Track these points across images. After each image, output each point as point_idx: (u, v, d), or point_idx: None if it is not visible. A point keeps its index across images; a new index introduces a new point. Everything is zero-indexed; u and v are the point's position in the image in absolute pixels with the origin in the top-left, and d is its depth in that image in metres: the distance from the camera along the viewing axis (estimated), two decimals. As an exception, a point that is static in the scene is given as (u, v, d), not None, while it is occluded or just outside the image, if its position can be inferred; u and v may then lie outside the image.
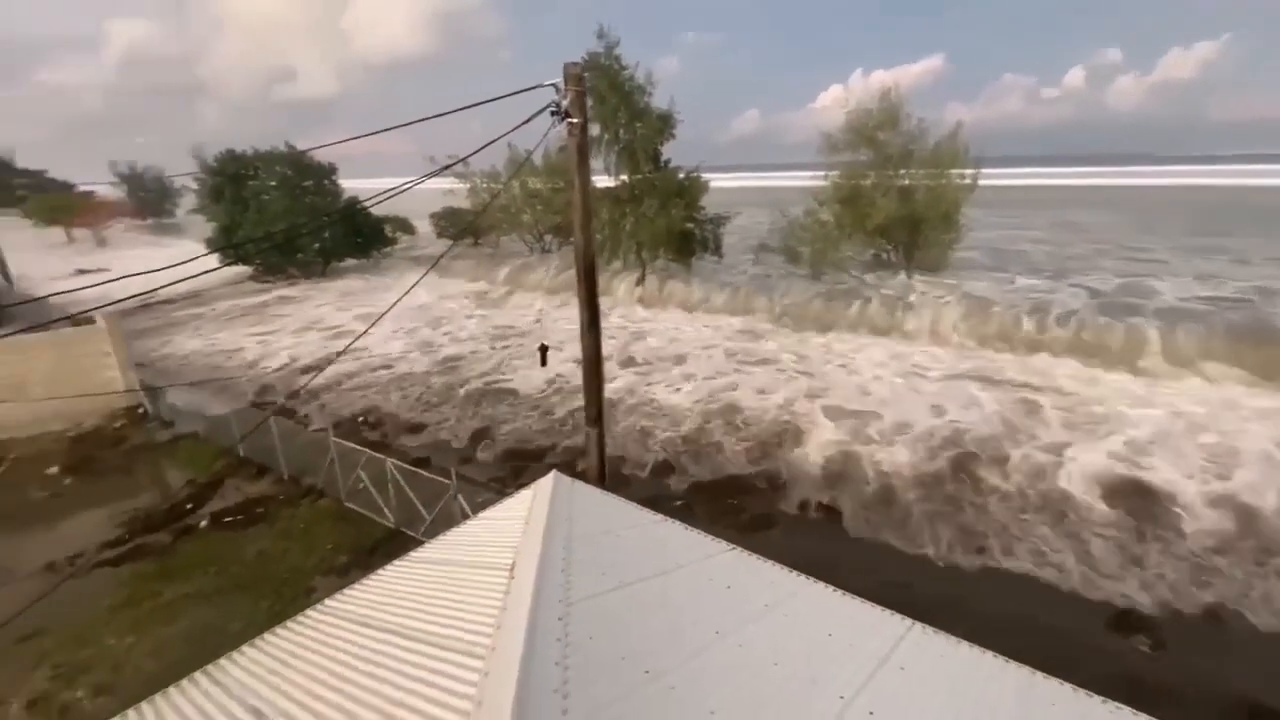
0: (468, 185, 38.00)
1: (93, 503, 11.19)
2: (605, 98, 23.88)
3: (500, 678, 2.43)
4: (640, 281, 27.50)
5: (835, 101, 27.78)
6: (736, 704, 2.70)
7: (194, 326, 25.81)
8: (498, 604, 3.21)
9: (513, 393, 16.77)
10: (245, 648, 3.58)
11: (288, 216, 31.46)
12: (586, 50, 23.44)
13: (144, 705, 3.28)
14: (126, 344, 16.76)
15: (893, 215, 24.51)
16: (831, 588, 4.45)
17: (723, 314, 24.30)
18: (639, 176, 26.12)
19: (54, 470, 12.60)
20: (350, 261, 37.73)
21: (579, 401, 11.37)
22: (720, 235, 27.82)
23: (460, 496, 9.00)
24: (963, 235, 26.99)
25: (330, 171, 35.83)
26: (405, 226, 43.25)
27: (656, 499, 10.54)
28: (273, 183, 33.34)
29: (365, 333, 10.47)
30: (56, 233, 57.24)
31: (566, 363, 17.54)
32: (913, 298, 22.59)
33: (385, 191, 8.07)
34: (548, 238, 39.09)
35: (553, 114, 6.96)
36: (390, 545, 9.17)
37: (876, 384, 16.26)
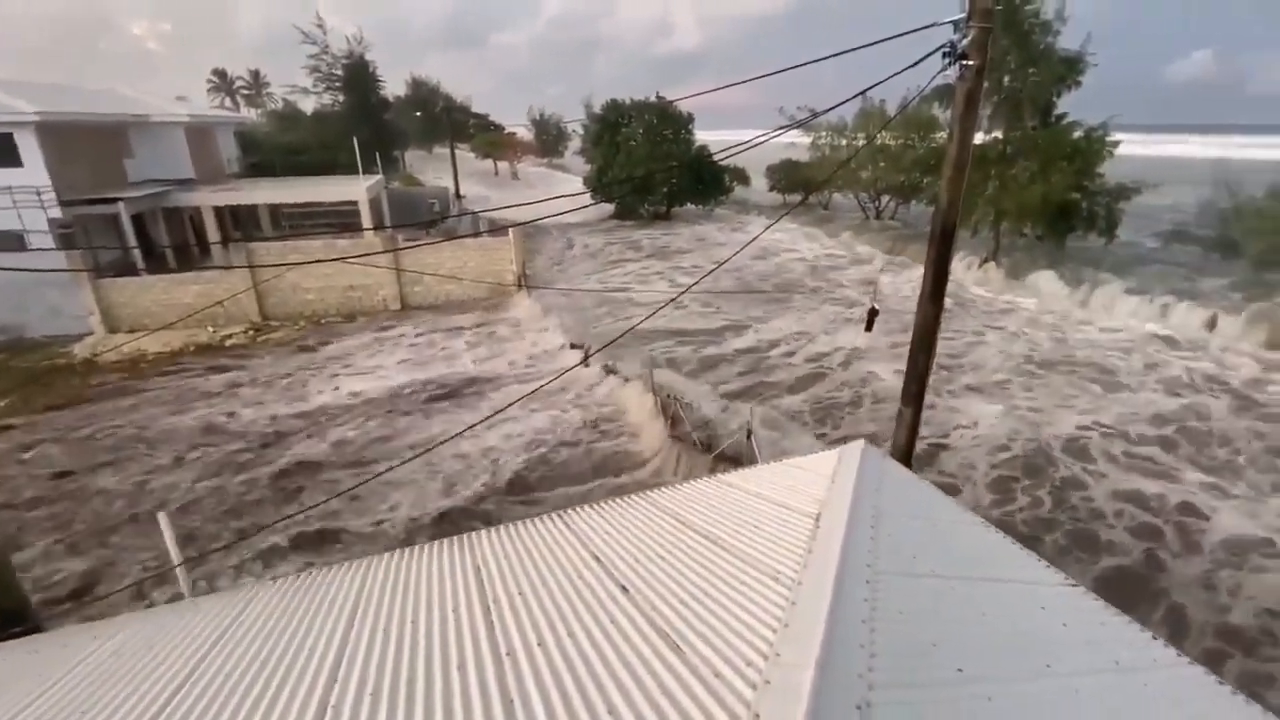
0: (810, 139, 37.25)
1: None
2: (996, 38, 20.52)
3: (808, 612, 2.48)
4: (990, 259, 23.78)
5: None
6: (1073, 752, 2.29)
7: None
8: (804, 546, 3.26)
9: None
10: (586, 507, 4.36)
11: (647, 162, 35.32)
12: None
13: (520, 523, 4.28)
14: (523, 254, 21.47)
15: None
16: (1219, 679, 3.40)
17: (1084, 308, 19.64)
18: (1016, 133, 22.11)
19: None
20: (688, 207, 40.84)
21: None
22: (1118, 213, 22.12)
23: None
24: None
25: (688, 121, 38.74)
26: (742, 177, 44.72)
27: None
28: (640, 130, 37.63)
29: (718, 269, 11.26)
30: (488, 164, 74.69)
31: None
32: None
33: (740, 143, 8.37)
34: (884, 199, 36.34)
35: (945, 55, 6.25)
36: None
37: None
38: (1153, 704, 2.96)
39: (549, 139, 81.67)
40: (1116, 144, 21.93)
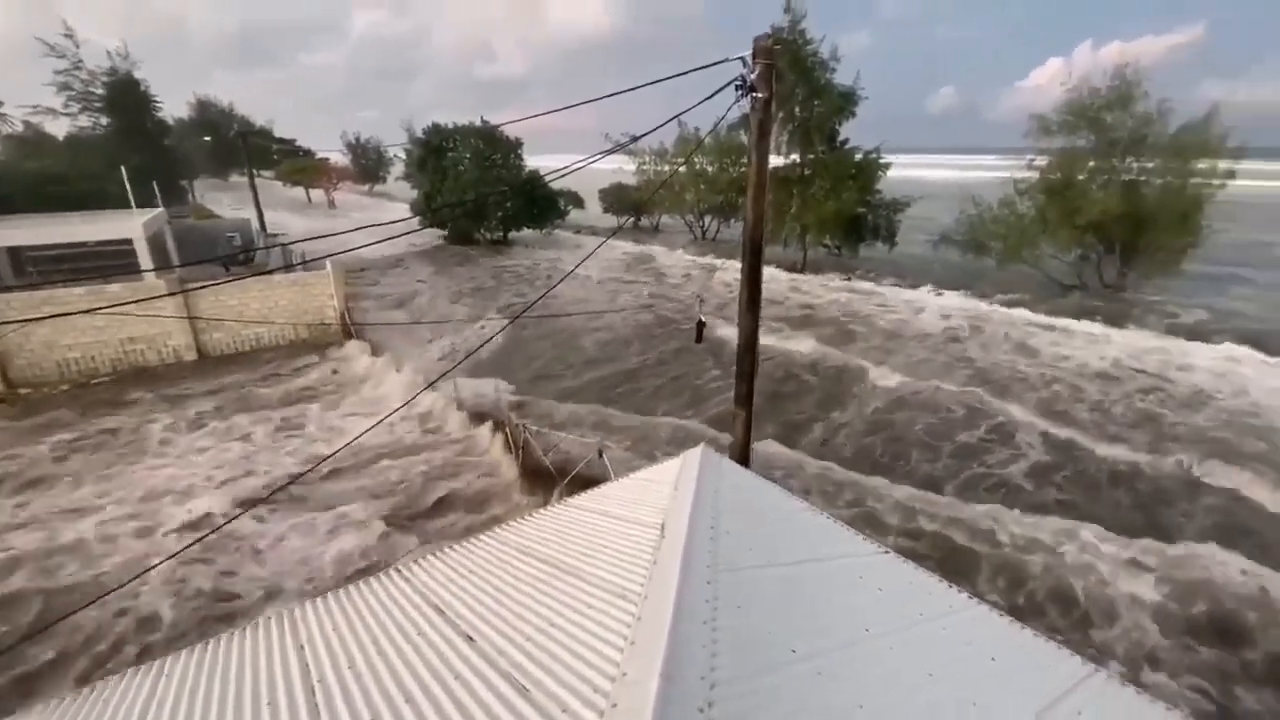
0: (636, 163, 38.95)
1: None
2: (783, 74, 23.15)
3: (652, 625, 2.53)
4: (800, 268, 26.54)
5: (1053, 78, 24.54)
6: (888, 706, 2.57)
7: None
8: (648, 558, 3.33)
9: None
10: (429, 556, 4.09)
11: (478, 186, 34.54)
12: (771, 25, 22.77)
13: (351, 586, 3.89)
14: (343, 289, 19.78)
15: (1110, 211, 21.10)
16: (999, 612, 4.05)
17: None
18: (810, 157, 25.06)
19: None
20: (526, 232, 40.57)
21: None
22: (896, 222, 25.95)
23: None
24: (1204, 240, 22.39)
25: (516, 146, 38.58)
26: (577, 201, 45.45)
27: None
28: (467, 155, 36.75)
29: (559, 282, 11.18)
30: (299, 193, 68.30)
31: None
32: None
33: (565, 167, 8.52)
34: (707, 219, 39.01)
35: (737, 89, 6.87)
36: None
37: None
38: (950, 645, 3.43)
39: (368, 164, 76.76)
40: (888, 165, 25.87)
